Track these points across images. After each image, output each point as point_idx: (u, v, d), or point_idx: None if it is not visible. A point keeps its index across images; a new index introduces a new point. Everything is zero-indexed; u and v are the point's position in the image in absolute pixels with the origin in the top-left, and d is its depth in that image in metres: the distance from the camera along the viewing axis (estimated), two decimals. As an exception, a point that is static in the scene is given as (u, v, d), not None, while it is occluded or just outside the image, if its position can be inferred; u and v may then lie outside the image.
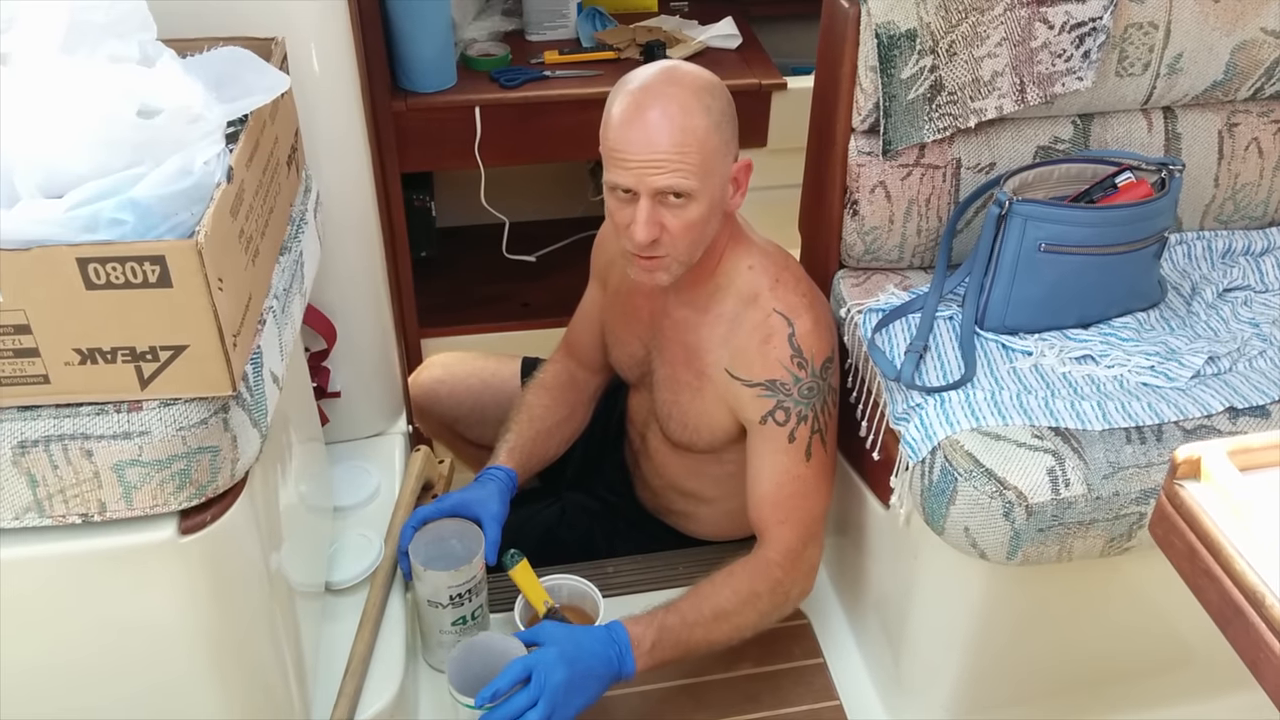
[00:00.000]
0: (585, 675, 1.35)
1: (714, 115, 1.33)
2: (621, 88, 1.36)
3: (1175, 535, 0.90)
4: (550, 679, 1.32)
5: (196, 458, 0.99)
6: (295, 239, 1.27)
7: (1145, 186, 1.45)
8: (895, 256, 1.63)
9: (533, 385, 1.78)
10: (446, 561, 1.48)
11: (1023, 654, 1.53)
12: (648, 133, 1.31)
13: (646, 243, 1.36)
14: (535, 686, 1.32)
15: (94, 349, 0.94)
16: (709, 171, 1.34)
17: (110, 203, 0.90)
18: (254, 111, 1.10)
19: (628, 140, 1.32)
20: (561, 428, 1.77)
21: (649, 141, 1.31)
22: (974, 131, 1.55)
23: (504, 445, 1.68)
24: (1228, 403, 1.38)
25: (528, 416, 1.73)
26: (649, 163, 1.31)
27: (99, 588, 1.05)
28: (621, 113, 1.33)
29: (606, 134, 1.35)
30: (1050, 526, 1.29)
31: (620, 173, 1.34)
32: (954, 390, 1.40)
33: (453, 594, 1.49)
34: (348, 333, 1.68)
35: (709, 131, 1.33)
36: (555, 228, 2.69)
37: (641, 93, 1.33)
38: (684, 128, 1.31)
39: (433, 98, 2.12)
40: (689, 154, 1.31)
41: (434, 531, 1.53)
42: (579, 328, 1.78)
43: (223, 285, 0.96)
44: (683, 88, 1.33)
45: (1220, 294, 1.59)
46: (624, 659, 1.38)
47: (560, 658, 1.34)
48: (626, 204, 1.36)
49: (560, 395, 1.78)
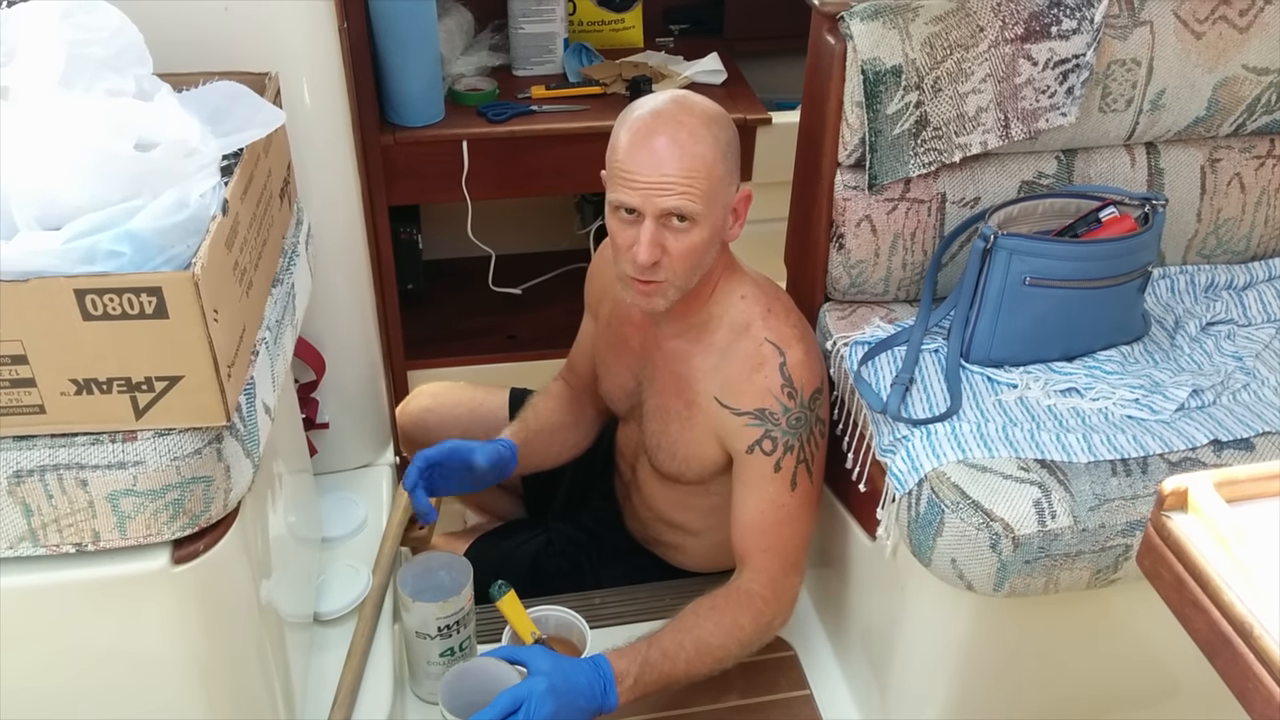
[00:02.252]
0: (571, 708, 1.36)
1: (721, 145, 1.37)
2: (631, 113, 1.39)
3: (1163, 566, 0.91)
4: (538, 711, 1.32)
5: (190, 488, 0.99)
6: (287, 271, 1.28)
7: (1129, 221, 1.47)
8: (881, 290, 1.64)
9: (539, 394, 1.82)
10: (435, 593, 1.48)
11: (1009, 685, 1.53)
12: (657, 155, 1.33)
13: (648, 264, 1.37)
14: (523, 717, 1.32)
15: (90, 379, 0.94)
16: (713, 198, 1.37)
17: (107, 235, 0.91)
18: (248, 145, 1.11)
19: (637, 161, 1.35)
20: (565, 431, 1.79)
21: (658, 164, 1.33)
22: (959, 166, 1.57)
23: (507, 429, 1.73)
24: (1212, 435, 1.40)
25: (533, 412, 1.78)
26: (657, 185, 1.34)
27: (92, 617, 1.05)
28: (632, 136, 1.36)
29: (614, 156, 1.38)
30: (1037, 558, 1.30)
31: (627, 193, 1.36)
32: (940, 422, 1.42)
33: (441, 625, 1.48)
34: (336, 364, 1.68)
35: (716, 160, 1.36)
36: (541, 261, 2.70)
37: (653, 118, 1.36)
38: (693, 154, 1.34)
39: (420, 132, 2.13)
40: (696, 179, 1.34)
41: (422, 563, 1.54)
42: (577, 357, 1.80)
43: (218, 317, 0.96)
44: (693, 116, 1.36)
45: (1204, 328, 1.61)
46: (608, 693, 1.39)
47: (550, 691, 1.34)
48: (629, 225, 1.38)
49: (565, 404, 1.80)
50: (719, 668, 1.48)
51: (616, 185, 1.37)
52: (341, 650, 1.47)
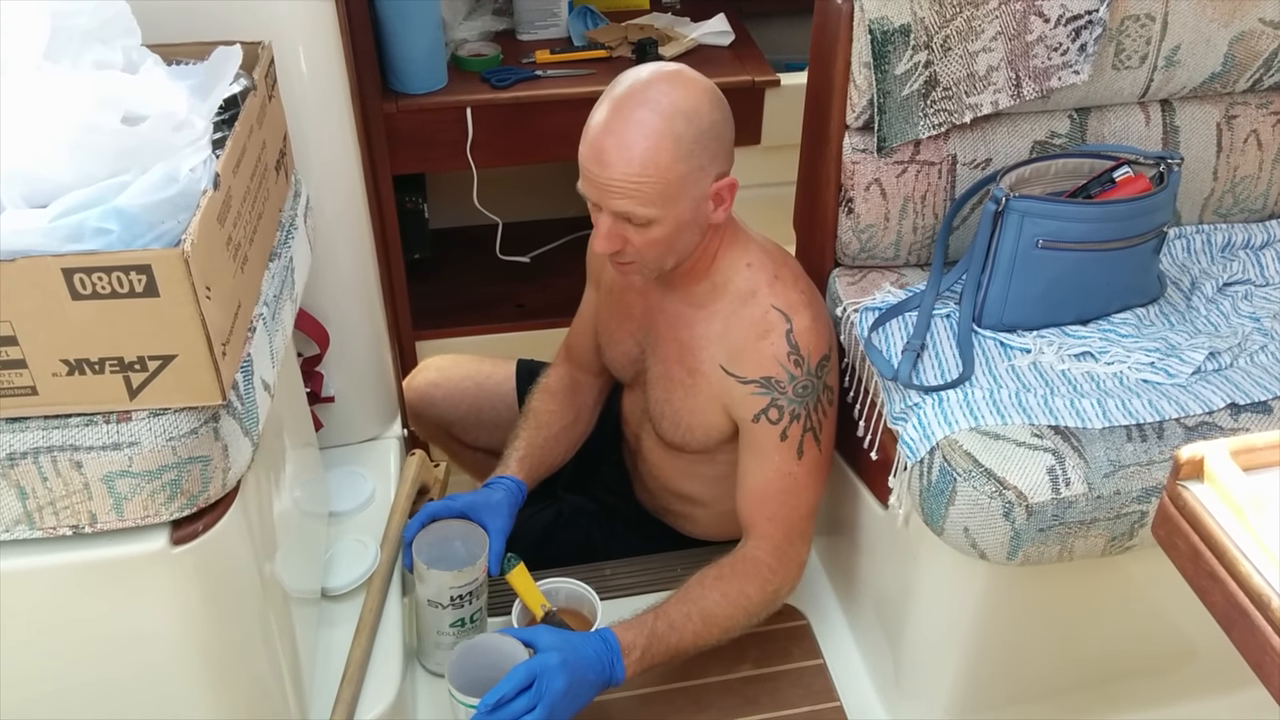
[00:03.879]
0: (581, 682, 1.35)
1: (684, 143, 1.30)
2: (604, 95, 1.35)
3: (1178, 537, 0.89)
4: (552, 685, 1.32)
5: (187, 468, 0.98)
6: (285, 245, 1.26)
7: (1143, 181, 1.44)
8: (891, 254, 1.61)
9: (537, 392, 1.78)
10: (450, 562, 1.48)
11: (1023, 654, 1.52)
12: (605, 156, 1.30)
13: (605, 254, 1.38)
14: (536, 692, 1.32)
15: (81, 360, 0.93)
16: (671, 199, 1.32)
17: (95, 212, 0.89)
18: (241, 117, 1.09)
19: (590, 157, 1.33)
20: (568, 432, 1.76)
21: (605, 165, 1.31)
22: (969, 127, 1.53)
23: (513, 453, 1.67)
24: (1229, 399, 1.37)
25: (535, 423, 1.72)
26: (605, 185, 1.32)
27: (91, 600, 1.04)
28: (592, 126, 1.33)
29: (583, 138, 1.35)
30: (1051, 526, 1.28)
31: (583, 183, 1.35)
32: (952, 389, 1.39)
33: (454, 595, 1.48)
34: (341, 337, 1.67)
35: (673, 161, 1.30)
36: (549, 228, 2.68)
37: (610, 113, 1.31)
38: (642, 159, 1.29)
39: (424, 99, 2.11)
40: (645, 184, 1.30)
41: (439, 532, 1.53)
42: (578, 332, 1.77)
43: (210, 294, 0.94)
44: (654, 112, 1.29)
45: (1220, 288, 1.58)
46: (615, 666, 1.39)
47: (562, 665, 1.33)
48: (594, 210, 1.38)
49: (566, 400, 1.77)
50: (727, 637, 1.48)
51: (580, 170, 1.35)
52: (350, 625, 1.46)
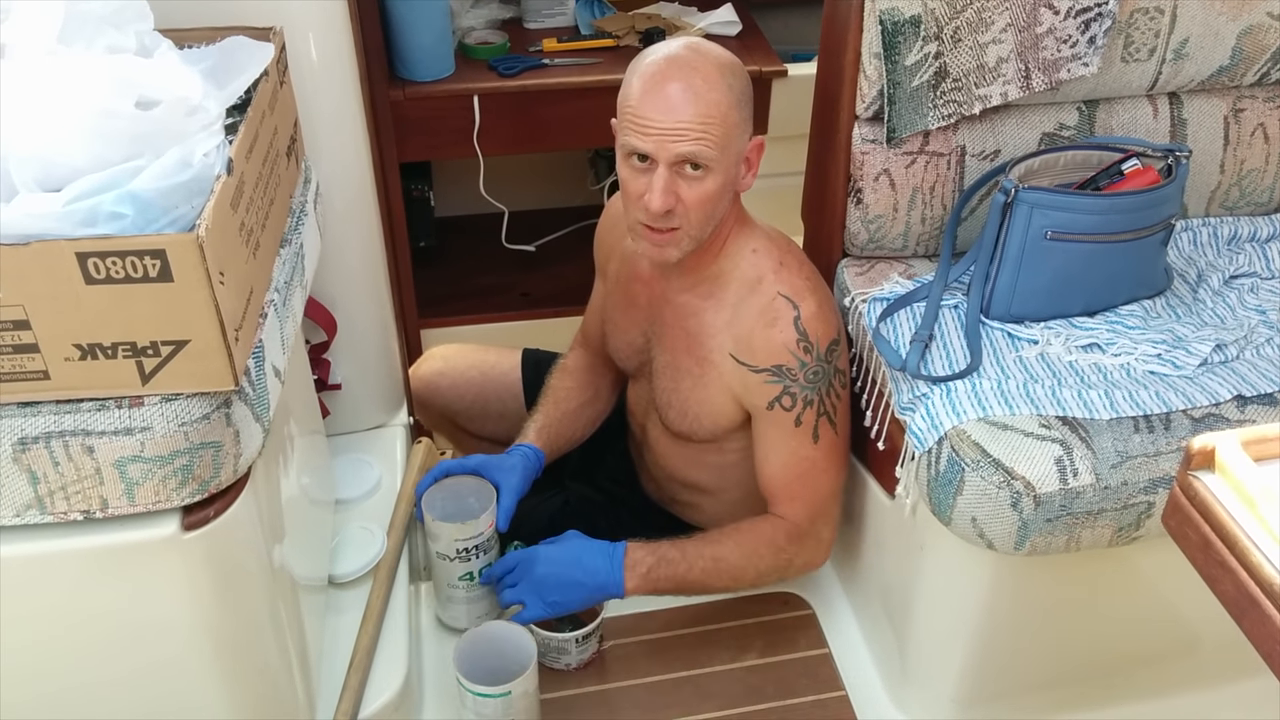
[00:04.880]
0: (567, 580, 1.48)
1: (735, 92, 1.34)
2: (643, 59, 1.36)
3: (1189, 527, 0.89)
4: (526, 571, 1.48)
5: (199, 453, 0.98)
6: (295, 231, 1.26)
7: (1152, 173, 1.44)
8: (899, 245, 1.61)
9: (556, 371, 1.80)
10: (458, 516, 1.49)
11: (1028, 644, 1.52)
12: (671, 100, 1.31)
13: (661, 211, 1.34)
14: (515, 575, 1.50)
15: (94, 344, 0.93)
16: (727, 145, 1.34)
17: (109, 196, 0.89)
18: (253, 103, 1.09)
19: (650, 107, 1.32)
20: (586, 409, 1.78)
21: (672, 109, 1.31)
22: (978, 118, 1.53)
23: (532, 425, 1.71)
24: (1236, 391, 1.37)
25: (553, 399, 1.75)
26: (670, 130, 1.31)
27: (101, 585, 1.04)
28: (644, 81, 1.33)
29: (626, 102, 1.35)
30: (1058, 517, 1.28)
31: (639, 138, 1.33)
32: (960, 379, 1.39)
33: (459, 548, 1.49)
34: (348, 324, 1.67)
35: (730, 106, 1.33)
36: (555, 217, 2.67)
37: (666, 63, 1.33)
38: (708, 99, 1.31)
39: (431, 86, 2.10)
40: (711, 125, 1.32)
41: (450, 488, 1.55)
42: (591, 320, 1.79)
43: (224, 279, 0.95)
44: (708, 62, 1.33)
45: (1226, 281, 1.58)
46: (614, 572, 1.48)
47: (545, 558, 1.49)
48: (642, 173, 1.36)
49: (584, 378, 1.79)
50: (733, 587, 1.56)
51: (629, 131, 1.34)
52: (357, 613, 1.46)
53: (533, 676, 1.40)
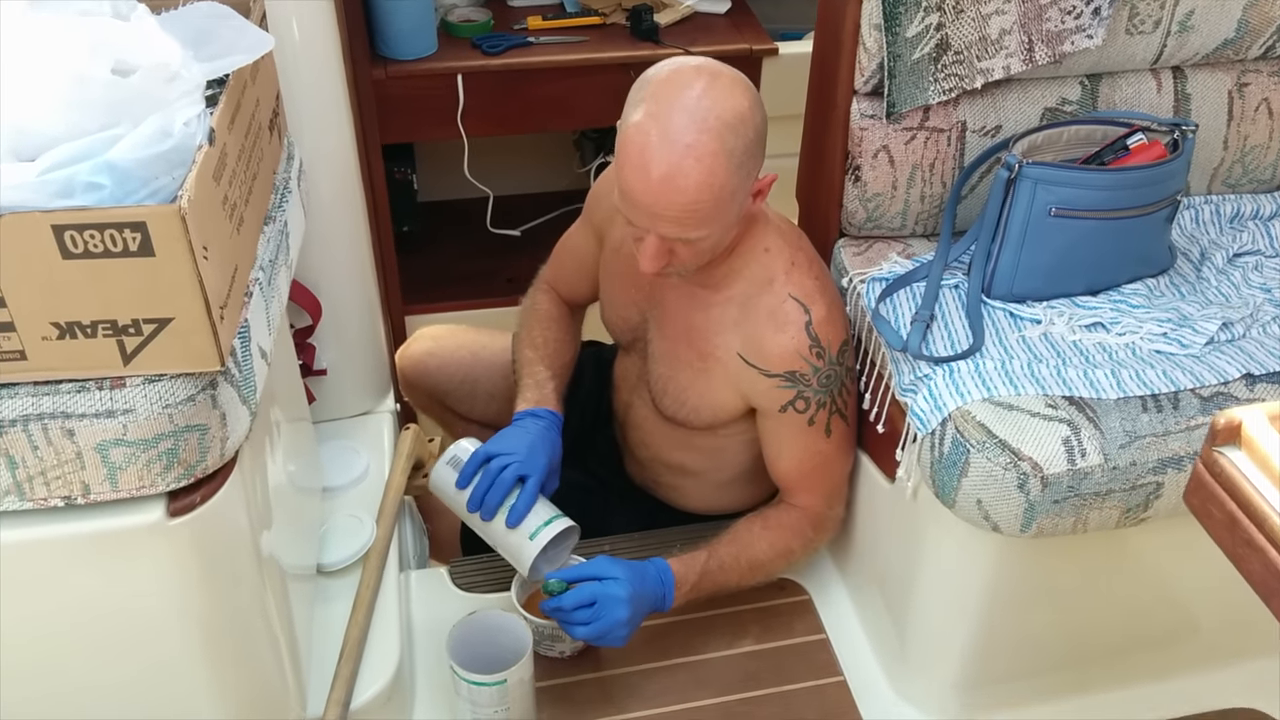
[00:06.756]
0: (638, 615, 1.42)
1: (735, 157, 1.22)
2: (640, 105, 1.23)
3: (1214, 504, 0.86)
4: (614, 613, 1.38)
5: (184, 437, 0.94)
6: (280, 208, 1.22)
7: (1158, 148, 1.41)
8: (898, 224, 1.58)
9: (541, 319, 1.70)
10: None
11: (1031, 627, 1.50)
12: (654, 191, 1.22)
13: (652, 274, 1.33)
14: (594, 613, 1.38)
15: (73, 323, 0.89)
16: (723, 211, 1.27)
17: (86, 166, 0.85)
18: (234, 72, 1.04)
19: (635, 186, 1.23)
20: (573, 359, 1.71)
21: (656, 198, 1.22)
22: (980, 93, 1.50)
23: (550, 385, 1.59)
24: (1244, 369, 1.35)
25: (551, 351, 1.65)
26: (660, 215, 1.24)
27: (85, 573, 1.01)
28: (631, 152, 1.22)
29: (616, 158, 1.27)
30: (1066, 498, 1.26)
31: (626, 207, 1.27)
32: (963, 360, 1.37)
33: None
34: (333, 309, 1.63)
35: (727, 178, 1.23)
36: (541, 201, 2.63)
37: (658, 138, 1.20)
38: (699, 185, 1.21)
39: (413, 65, 2.06)
40: (702, 207, 1.23)
41: None
42: (568, 267, 1.70)
43: (208, 254, 0.91)
44: (706, 133, 1.20)
45: (1230, 259, 1.56)
46: (667, 598, 1.45)
47: (630, 599, 1.39)
48: (638, 232, 1.30)
49: (568, 326, 1.72)
50: (765, 582, 1.57)
51: (619, 192, 1.26)
52: (346, 602, 1.44)
53: (528, 665, 1.37)
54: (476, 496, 1.44)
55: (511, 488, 1.44)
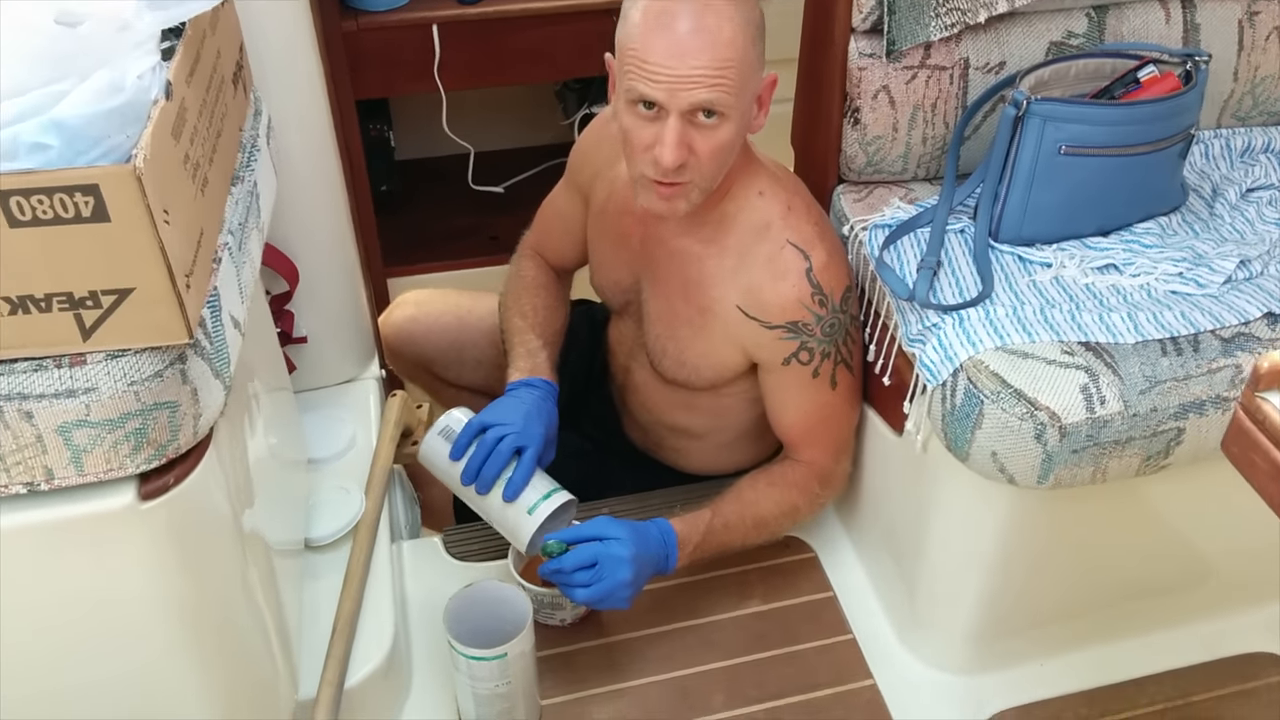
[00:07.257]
0: (641, 576, 1.36)
1: (751, 26, 1.20)
2: None
3: (1256, 454, 0.81)
4: (616, 574, 1.33)
5: (153, 415, 0.88)
6: (248, 167, 1.15)
7: (1172, 79, 1.35)
8: (899, 168, 1.52)
9: (524, 286, 1.64)
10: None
11: (1044, 578, 1.46)
12: (682, 43, 1.17)
13: (674, 166, 1.22)
14: (595, 574, 1.33)
15: (24, 296, 0.83)
16: (744, 87, 1.21)
17: (30, 125, 0.79)
18: (192, 21, 0.97)
19: (657, 50, 1.17)
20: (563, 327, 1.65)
21: (684, 53, 1.17)
22: (982, 28, 1.43)
23: (542, 355, 1.54)
24: (1265, 308, 1.30)
25: (542, 319, 1.60)
26: (684, 78, 1.17)
27: (54, 563, 0.95)
28: (648, 18, 1.18)
29: (628, 40, 1.21)
30: (1085, 447, 1.21)
31: (647, 85, 1.19)
32: (973, 307, 1.31)
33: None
34: (311, 273, 1.57)
35: (747, 43, 1.19)
36: (523, 156, 2.57)
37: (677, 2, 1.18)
38: (723, 39, 1.17)
39: (386, 16, 2.00)
40: (729, 70, 1.18)
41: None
42: (553, 231, 1.65)
43: (169, 218, 0.84)
44: None
45: (1243, 194, 1.50)
46: (670, 558, 1.40)
47: (633, 559, 1.34)
48: (649, 122, 1.23)
49: (557, 292, 1.67)
50: (770, 541, 1.53)
51: (633, 75, 1.20)
52: (337, 577, 1.39)
53: (529, 636, 1.32)
54: (471, 469, 1.38)
55: (508, 460, 1.39)
